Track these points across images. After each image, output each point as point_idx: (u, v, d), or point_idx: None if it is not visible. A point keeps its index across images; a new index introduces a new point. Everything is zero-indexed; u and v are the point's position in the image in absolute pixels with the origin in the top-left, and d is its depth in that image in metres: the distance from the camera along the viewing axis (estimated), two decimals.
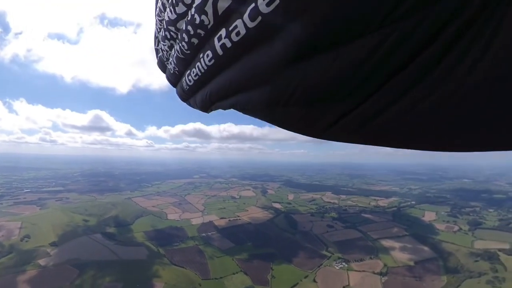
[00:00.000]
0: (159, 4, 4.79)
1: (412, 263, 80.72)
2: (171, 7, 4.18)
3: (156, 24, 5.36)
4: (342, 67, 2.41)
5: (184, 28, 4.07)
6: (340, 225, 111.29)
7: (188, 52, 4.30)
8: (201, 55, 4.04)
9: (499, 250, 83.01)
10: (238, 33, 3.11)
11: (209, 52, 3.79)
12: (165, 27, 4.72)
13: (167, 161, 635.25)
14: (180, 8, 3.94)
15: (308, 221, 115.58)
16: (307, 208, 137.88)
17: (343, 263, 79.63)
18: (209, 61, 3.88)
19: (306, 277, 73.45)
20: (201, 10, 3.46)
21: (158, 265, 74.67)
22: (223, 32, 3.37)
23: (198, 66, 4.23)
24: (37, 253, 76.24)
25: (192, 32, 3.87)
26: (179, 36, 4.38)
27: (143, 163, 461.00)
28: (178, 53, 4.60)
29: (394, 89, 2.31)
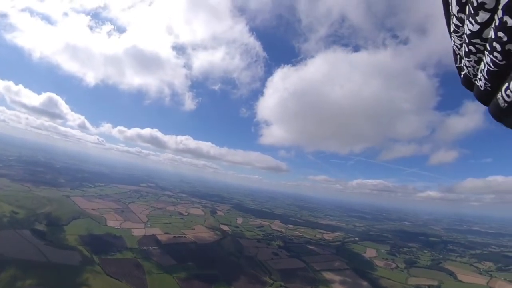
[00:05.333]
0: (453, 20, 4.45)
1: None
2: (470, 19, 3.84)
3: (453, 42, 4.99)
4: None
5: (493, 37, 3.58)
6: (285, 254, 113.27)
7: (503, 62, 3.71)
8: None
9: (429, 286, 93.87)
10: None
11: None
12: (467, 41, 4.28)
13: (115, 163, 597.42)
14: (482, 16, 3.56)
15: (254, 247, 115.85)
16: (254, 233, 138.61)
17: None
18: None
19: None
20: None
21: (89, 273, 69.02)
22: None
23: None
24: None
25: (505, 38, 3.36)
26: (487, 47, 3.87)
27: (88, 161, 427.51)
28: (489, 66, 4.04)
29: None
